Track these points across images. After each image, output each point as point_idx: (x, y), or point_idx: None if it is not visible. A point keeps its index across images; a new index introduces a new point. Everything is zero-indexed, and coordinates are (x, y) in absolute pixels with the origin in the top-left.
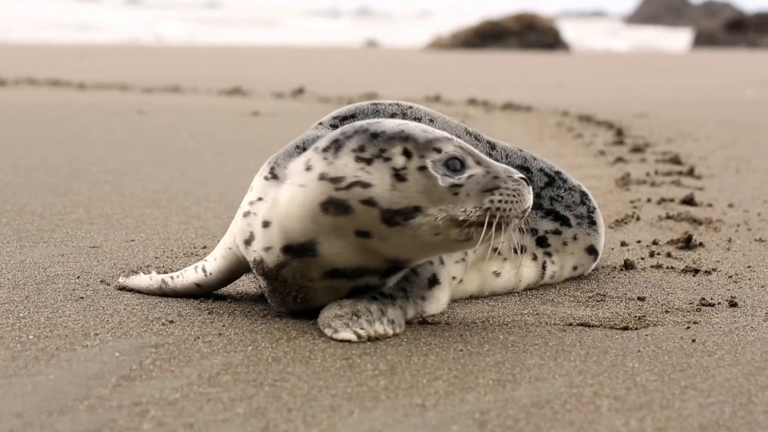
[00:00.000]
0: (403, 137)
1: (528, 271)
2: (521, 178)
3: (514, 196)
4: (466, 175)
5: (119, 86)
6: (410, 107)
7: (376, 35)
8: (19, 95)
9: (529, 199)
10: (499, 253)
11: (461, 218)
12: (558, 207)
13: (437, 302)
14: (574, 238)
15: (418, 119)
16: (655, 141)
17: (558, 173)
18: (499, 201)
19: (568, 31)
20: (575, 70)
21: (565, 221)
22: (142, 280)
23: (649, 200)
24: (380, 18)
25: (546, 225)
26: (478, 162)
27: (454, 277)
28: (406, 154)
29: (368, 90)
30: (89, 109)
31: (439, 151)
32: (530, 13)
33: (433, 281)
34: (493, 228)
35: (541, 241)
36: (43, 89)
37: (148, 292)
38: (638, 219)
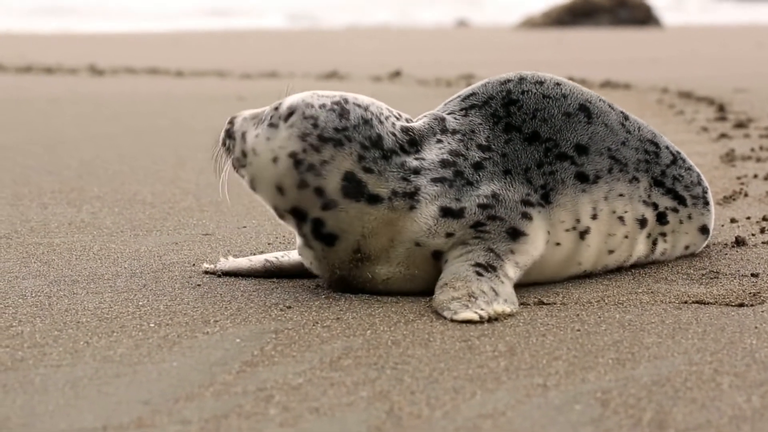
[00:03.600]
0: None
1: (640, 246)
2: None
3: None
4: None
5: (217, 73)
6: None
7: (467, 15)
8: (118, 84)
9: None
10: (623, 223)
11: None
12: (678, 187)
13: (527, 255)
14: (689, 217)
15: (540, 83)
16: (757, 116)
17: (679, 153)
18: None
19: (660, 7)
20: (669, 46)
21: (682, 200)
22: (240, 262)
23: (755, 176)
24: None
25: (666, 202)
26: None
27: (558, 244)
28: None
29: (465, 71)
30: (189, 96)
31: None
32: None
33: (514, 234)
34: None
35: (661, 217)
36: (141, 78)
37: (249, 274)
38: (746, 195)
